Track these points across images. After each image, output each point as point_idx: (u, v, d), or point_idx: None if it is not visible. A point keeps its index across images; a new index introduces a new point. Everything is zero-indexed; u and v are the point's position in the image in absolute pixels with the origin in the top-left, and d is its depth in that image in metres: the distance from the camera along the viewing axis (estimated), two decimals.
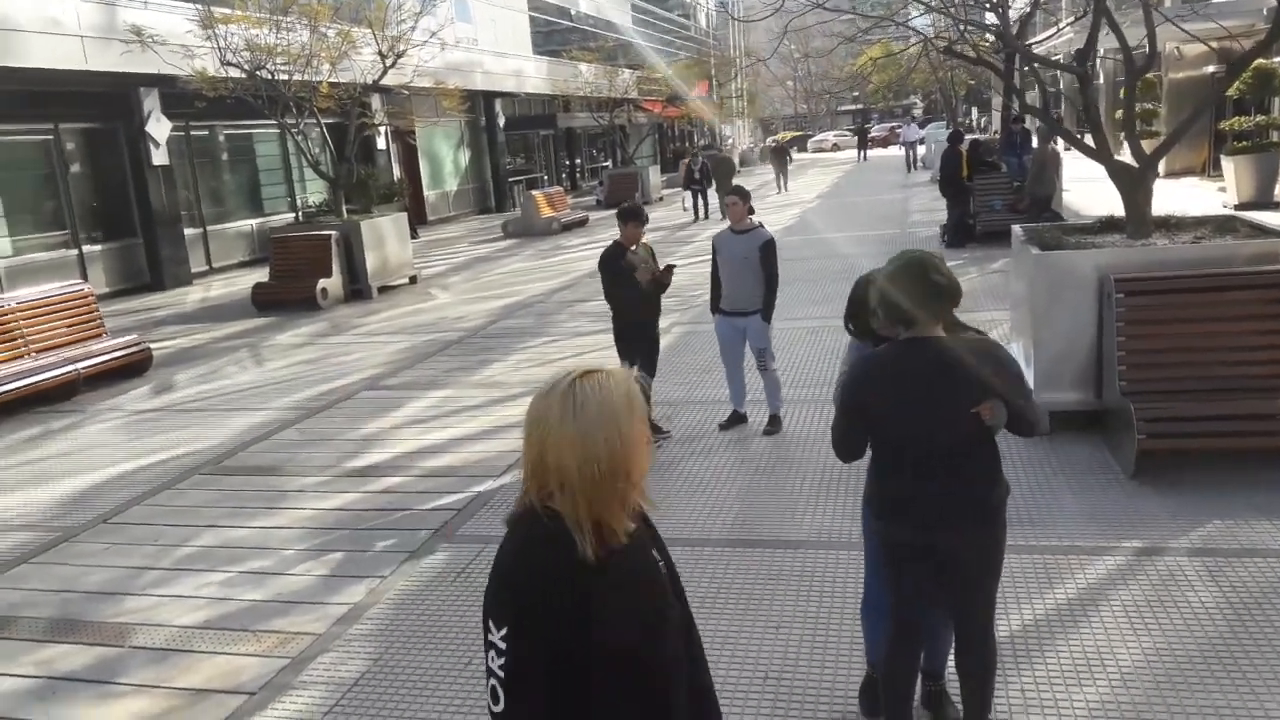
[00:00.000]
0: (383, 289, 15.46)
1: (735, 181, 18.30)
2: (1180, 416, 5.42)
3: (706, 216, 23.02)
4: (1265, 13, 9.35)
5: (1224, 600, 4.10)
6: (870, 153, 46.05)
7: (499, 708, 1.75)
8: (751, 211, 6.94)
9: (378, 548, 5.53)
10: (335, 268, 14.69)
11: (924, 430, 2.95)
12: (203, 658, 4.45)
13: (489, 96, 30.60)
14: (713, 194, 22.47)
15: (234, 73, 14.83)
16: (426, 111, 24.69)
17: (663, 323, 7.26)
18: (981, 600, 3.13)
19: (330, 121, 16.43)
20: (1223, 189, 16.90)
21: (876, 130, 56.36)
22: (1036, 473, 5.66)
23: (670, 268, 6.92)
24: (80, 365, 9.85)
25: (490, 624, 1.76)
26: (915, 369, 2.92)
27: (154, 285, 17.92)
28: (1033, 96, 23.43)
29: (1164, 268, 5.93)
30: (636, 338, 6.84)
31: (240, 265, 20.22)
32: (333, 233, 14.81)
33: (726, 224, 6.96)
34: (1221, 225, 6.83)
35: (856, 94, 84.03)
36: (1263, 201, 15.24)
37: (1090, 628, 4.00)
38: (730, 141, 54.28)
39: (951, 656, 3.33)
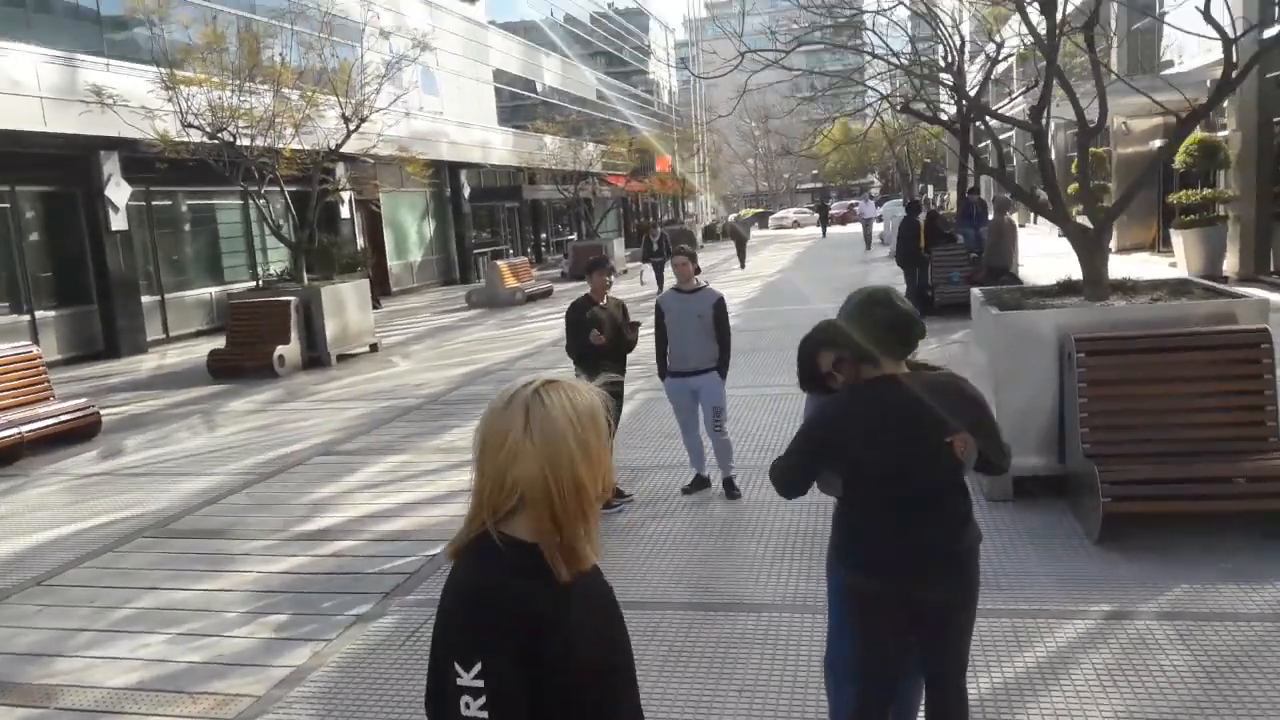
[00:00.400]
0: (342, 357, 15.25)
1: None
2: (1144, 479, 5.38)
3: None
4: (1209, 84, 9.65)
5: (1195, 663, 4.01)
6: (830, 229, 46.84)
7: None
8: (699, 271, 6.94)
9: (324, 611, 5.31)
10: (294, 334, 14.49)
11: (898, 470, 2.86)
12: (134, 719, 4.20)
13: (454, 167, 30.83)
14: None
15: (195, 135, 14.79)
16: (391, 180, 24.79)
17: (627, 389, 7.19)
18: (957, 653, 3.02)
19: (293, 189, 16.40)
20: (1173, 264, 17.27)
21: (835, 208, 57.38)
22: (1002, 537, 5.57)
23: (636, 325, 6.91)
24: (24, 428, 9.54)
25: (456, 666, 1.59)
26: (887, 407, 2.86)
27: (109, 353, 17.57)
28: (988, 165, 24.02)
29: (1123, 328, 5.96)
30: None
31: (198, 334, 19.92)
32: (292, 298, 14.64)
33: (668, 286, 7.00)
34: (1176, 288, 6.91)
35: (815, 172, 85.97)
36: (1212, 274, 15.56)
37: (1061, 690, 3.88)
38: (694, 218, 55.02)
39: (921, 716, 3.20)
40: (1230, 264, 16.48)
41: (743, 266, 28.92)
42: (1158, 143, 21.20)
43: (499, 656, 1.58)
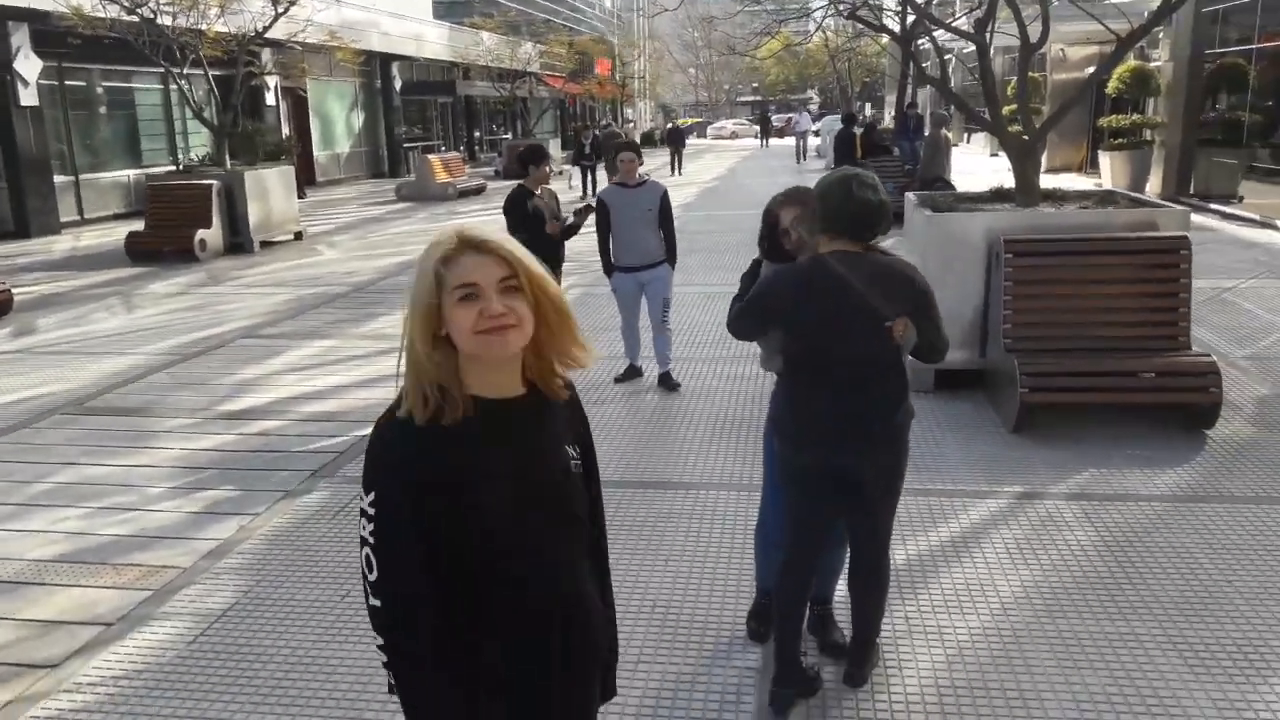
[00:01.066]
0: (266, 244, 14.84)
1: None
2: (1060, 372, 5.58)
3: (594, 193, 22.82)
4: (1146, 15, 9.77)
5: (1099, 539, 4.22)
6: (771, 141, 46.61)
7: (373, 576, 1.62)
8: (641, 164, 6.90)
9: (251, 487, 5.27)
10: (215, 219, 14.03)
11: (842, 341, 2.90)
12: (55, 590, 4.15)
13: (386, 59, 29.77)
14: (602, 173, 22.12)
15: (113, 10, 14.00)
16: (320, 68, 23.87)
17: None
18: (882, 522, 3.14)
19: (217, 73, 15.69)
20: (1099, 183, 17.63)
21: (775, 120, 57.04)
22: (923, 425, 5.74)
23: (588, 208, 6.85)
24: None
25: (361, 492, 1.66)
26: (841, 280, 2.88)
27: (18, 233, 16.81)
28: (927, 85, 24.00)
29: (1050, 232, 6.10)
30: None
31: (115, 217, 19.14)
32: (214, 182, 14.14)
33: (612, 181, 6.92)
34: (1103, 198, 7.07)
35: (756, 85, 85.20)
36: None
37: (973, 562, 4.07)
38: (632, 124, 54.17)
39: (843, 579, 3.33)
40: (1153, 186, 16.91)
41: (675, 174, 28.62)
42: (1092, 69, 21.45)
43: (389, 489, 1.62)
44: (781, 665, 3.14)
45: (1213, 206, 14.93)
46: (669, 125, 41.31)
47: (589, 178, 22.85)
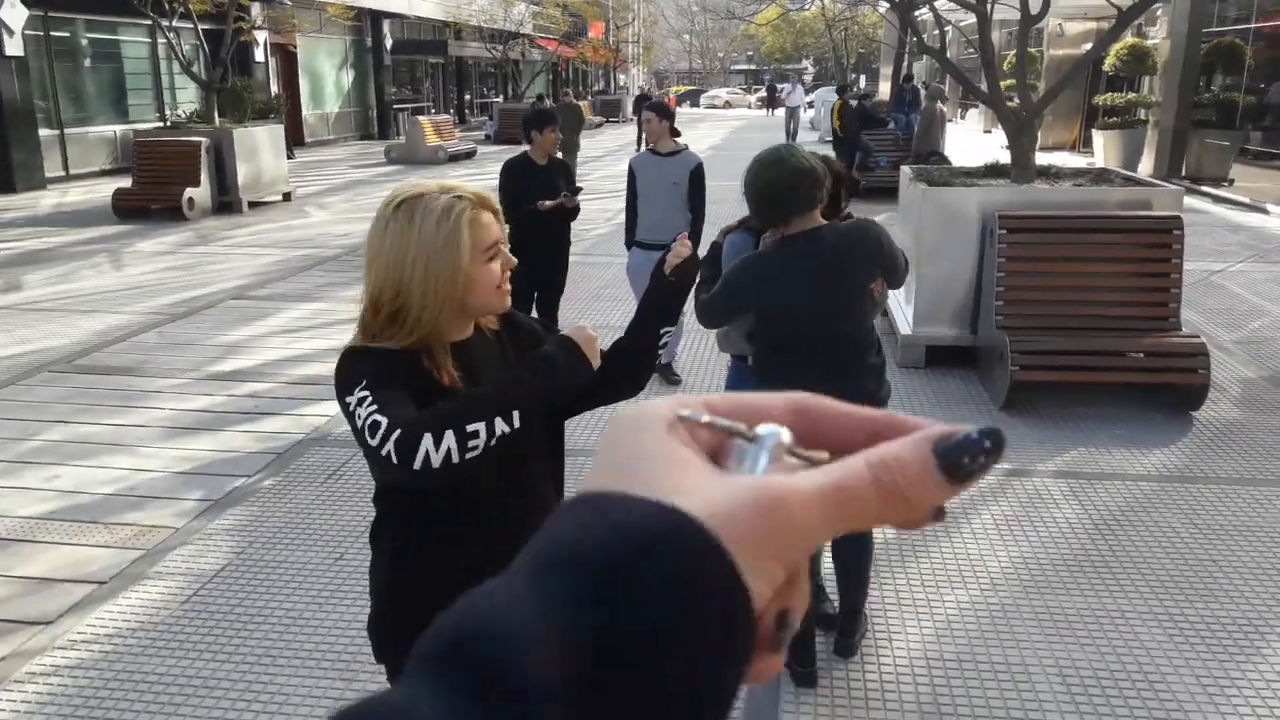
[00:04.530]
0: (254, 204, 14.71)
1: (582, 137, 17.40)
2: (1051, 350, 5.62)
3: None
4: None
5: (1085, 517, 4.28)
6: (762, 111, 46.35)
7: (380, 433, 1.62)
8: (676, 133, 6.25)
9: (242, 448, 5.26)
10: (204, 177, 13.89)
11: (818, 322, 2.92)
12: (47, 548, 4.15)
13: (376, 16, 29.38)
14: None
15: None
16: (310, 24, 23.57)
17: None
18: None
19: (206, 27, 15.46)
20: (1092, 162, 17.64)
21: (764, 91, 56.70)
22: (913, 401, 5.79)
23: (577, 189, 6.55)
24: None
25: (345, 399, 1.71)
26: (807, 263, 2.89)
27: (3, 188, 16.59)
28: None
29: (1044, 209, 6.11)
30: (540, 260, 5.68)
31: (101, 174, 18.92)
32: (203, 140, 13.97)
33: (646, 148, 6.22)
34: (1098, 176, 7.09)
35: (750, 54, 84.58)
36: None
37: (961, 537, 4.11)
38: (625, 89, 53.70)
39: (827, 552, 3.37)
40: (1145, 166, 16.92)
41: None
42: (1089, 46, 21.39)
43: (374, 375, 1.71)
44: (806, 645, 3.17)
45: (1204, 189, 14.97)
46: (640, 93, 38.60)
47: None
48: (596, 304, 8.39)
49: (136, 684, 3.20)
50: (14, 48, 16.50)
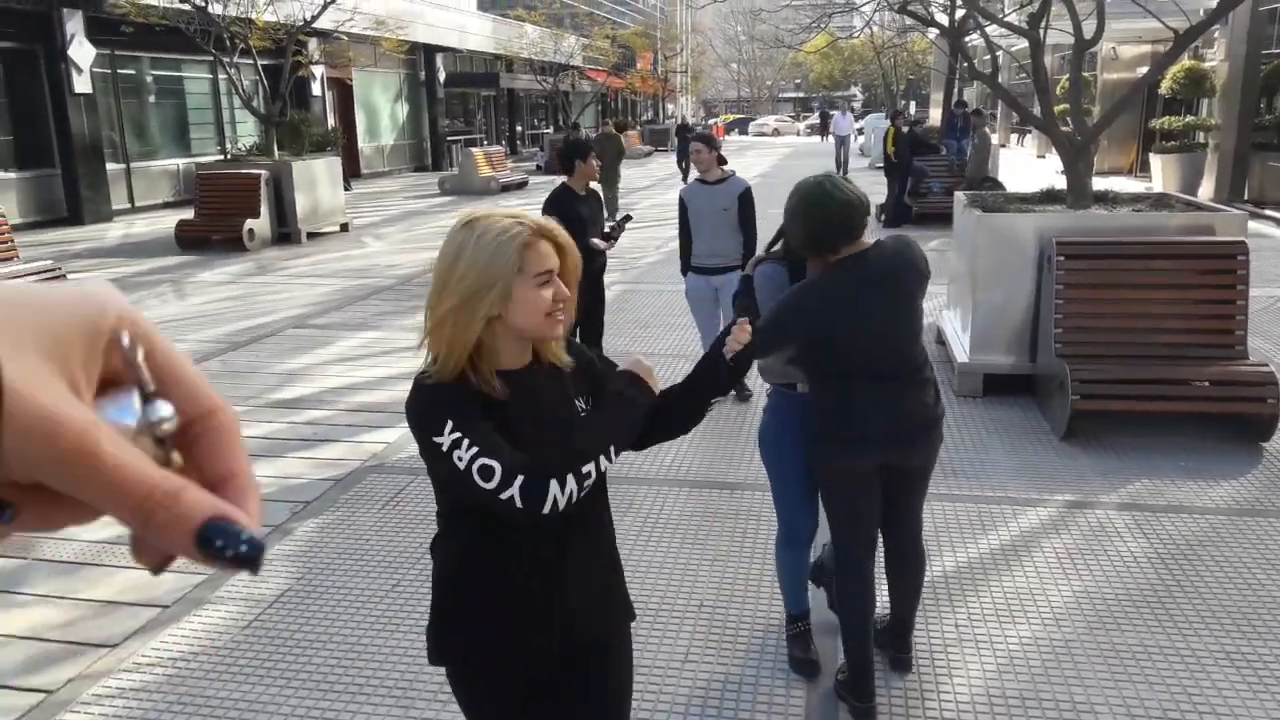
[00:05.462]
0: (312, 235, 15.02)
1: (623, 169, 17.28)
2: (1113, 379, 5.51)
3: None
4: (1202, 13, 9.65)
5: (1151, 551, 4.17)
6: (811, 139, 46.30)
7: (498, 479, 1.70)
8: (724, 161, 6.35)
9: (302, 474, 5.35)
10: (264, 208, 14.22)
11: (885, 341, 2.94)
12: (113, 571, 4.24)
13: (430, 50, 29.97)
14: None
15: None
16: (365, 59, 24.07)
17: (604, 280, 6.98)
18: (919, 512, 3.25)
19: (265, 63, 15.89)
20: (1149, 187, 17.35)
21: (815, 118, 56.69)
22: (971, 430, 5.71)
23: (627, 218, 6.66)
24: None
25: (434, 439, 1.76)
26: (859, 286, 2.91)
27: (71, 219, 17.14)
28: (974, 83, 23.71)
29: (1102, 234, 6.02)
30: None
31: (165, 206, 19.45)
32: (262, 172, 14.31)
33: (692, 177, 6.35)
34: (1157, 201, 6.97)
35: (799, 81, 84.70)
36: None
37: (1022, 570, 4.03)
38: (676, 119, 54.06)
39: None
40: (1206, 190, 16.59)
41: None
42: (1144, 69, 21.11)
43: (456, 411, 1.77)
44: (865, 678, 3.12)
45: (1268, 213, 14.64)
46: (680, 122, 37.65)
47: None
48: (646, 331, 8.41)
49: (200, 708, 3.24)
50: (83, 85, 17.08)
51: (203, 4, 14.29)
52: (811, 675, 3.35)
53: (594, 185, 6.52)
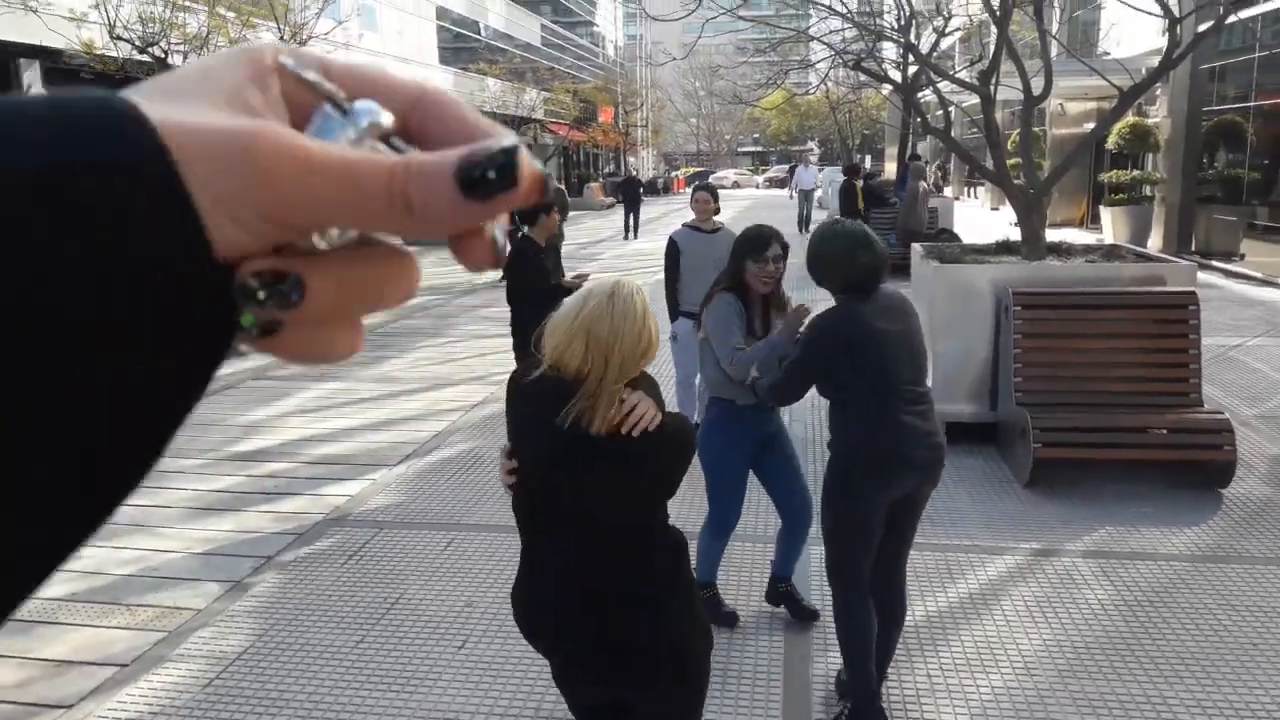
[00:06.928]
0: None
1: (588, 219, 17.07)
2: (1074, 427, 5.59)
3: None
4: (1144, 71, 10.03)
5: (1118, 598, 4.21)
6: (770, 192, 46.90)
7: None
8: (717, 211, 6.40)
9: (263, 529, 5.25)
10: None
11: (907, 369, 3.13)
12: (69, 629, 4.11)
13: None
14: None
15: (124, 49, 14.17)
16: None
17: None
18: (911, 541, 3.36)
19: None
20: (1100, 239, 17.78)
21: (774, 171, 57.63)
22: None
23: (583, 276, 6.58)
24: None
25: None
26: (888, 319, 3.13)
27: None
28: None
29: (1058, 285, 6.15)
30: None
31: None
32: None
33: (686, 220, 6.40)
34: (1109, 252, 7.14)
35: (757, 135, 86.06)
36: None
37: (992, 619, 4.04)
38: (636, 171, 54.65)
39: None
40: (1155, 242, 17.05)
41: (627, 237, 24.95)
42: (1090, 125, 21.75)
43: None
44: (869, 703, 3.21)
45: (1214, 263, 15.05)
46: (624, 176, 33.37)
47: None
48: None
49: None
50: None
51: (163, 55, 14.26)
52: (732, 625, 3.93)
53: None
